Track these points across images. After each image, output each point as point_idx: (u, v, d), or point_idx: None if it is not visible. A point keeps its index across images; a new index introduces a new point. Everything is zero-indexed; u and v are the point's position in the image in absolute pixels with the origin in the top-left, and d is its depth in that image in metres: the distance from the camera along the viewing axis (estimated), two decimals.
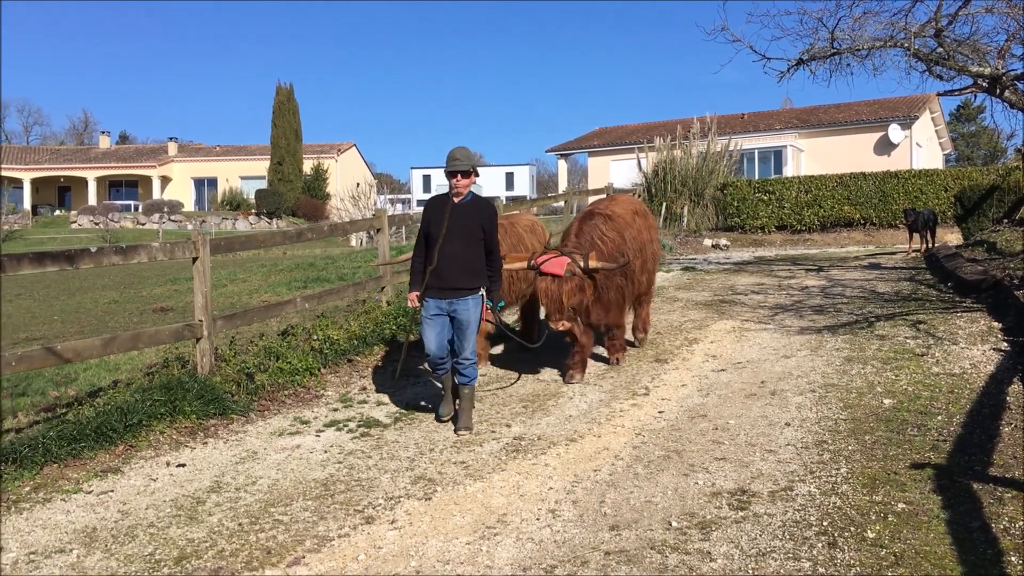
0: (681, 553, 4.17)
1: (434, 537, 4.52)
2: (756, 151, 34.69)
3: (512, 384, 7.77)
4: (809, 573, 3.90)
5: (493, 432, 6.42)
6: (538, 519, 4.70)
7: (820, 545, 4.18)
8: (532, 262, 7.34)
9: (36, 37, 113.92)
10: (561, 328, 7.26)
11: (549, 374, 8.12)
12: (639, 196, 24.92)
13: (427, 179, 56.52)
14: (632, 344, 9.18)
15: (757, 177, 31.02)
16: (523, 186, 55.89)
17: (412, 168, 58.02)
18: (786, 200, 25.19)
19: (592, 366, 8.37)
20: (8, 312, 14.28)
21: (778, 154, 34.92)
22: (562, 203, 23.96)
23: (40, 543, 4.59)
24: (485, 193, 51.22)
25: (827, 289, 13.37)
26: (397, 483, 5.39)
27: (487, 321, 6.90)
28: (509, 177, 56.39)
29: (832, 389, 7.13)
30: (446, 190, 6.40)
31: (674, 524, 4.52)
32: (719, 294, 13.31)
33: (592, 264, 7.38)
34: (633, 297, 8.67)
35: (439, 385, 6.69)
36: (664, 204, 25.19)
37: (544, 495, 5.06)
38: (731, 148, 27.78)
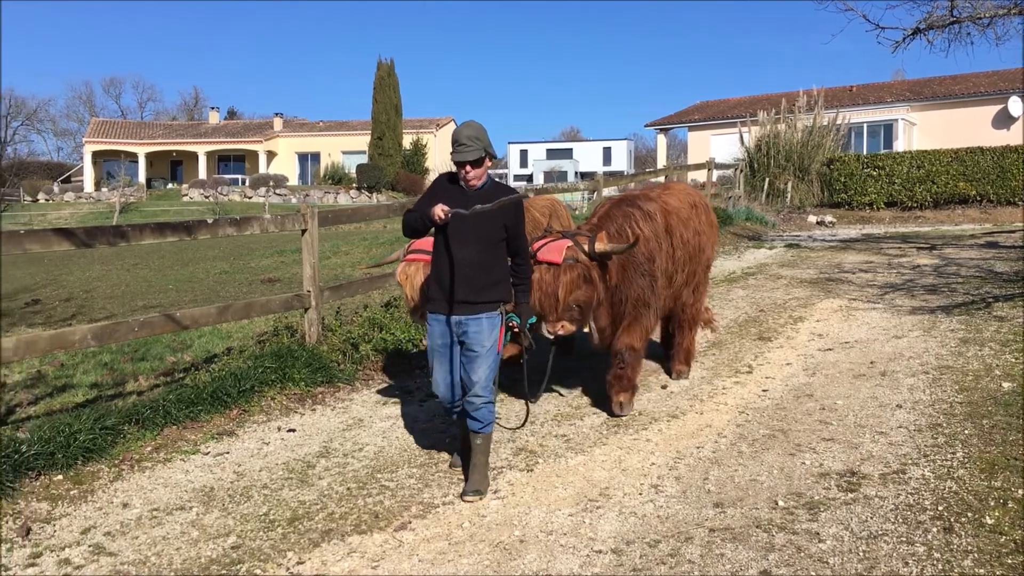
0: (788, 533, 4.11)
1: (536, 508, 4.56)
2: (865, 125, 33.46)
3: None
4: (924, 557, 3.79)
5: (593, 407, 6.42)
6: (640, 494, 4.69)
7: (935, 530, 4.06)
8: (529, 248, 5.51)
9: (150, 16, 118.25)
10: (560, 332, 5.61)
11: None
12: (741, 171, 24.44)
13: (524, 154, 56.63)
14: (672, 375, 7.23)
15: (866, 152, 29.95)
16: (620, 161, 55.46)
17: (509, 143, 58.22)
18: (896, 176, 24.31)
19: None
20: (126, 281, 14.97)
21: (888, 128, 33.61)
22: (662, 178, 23.63)
23: (162, 500, 4.82)
24: (583, 169, 51.26)
25: (940, 268, 12.88)
26: (499, 454, 5.45)
27: (517, 343, 5.36)
28: (606, 152, 56.03)
29: (947, 371, 6.88)
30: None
31: (780, 504, 4.45)
32: (825, 272, 12.98)
33: (599, 247, 5.68)
34: (663, 314, 6.85)
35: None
36: (767, 179, 24.62)
37: (646, 470, 5.05)
38: (838, 122, 26.90)
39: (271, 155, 53.48)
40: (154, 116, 75.87)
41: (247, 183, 48.94)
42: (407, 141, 49.44)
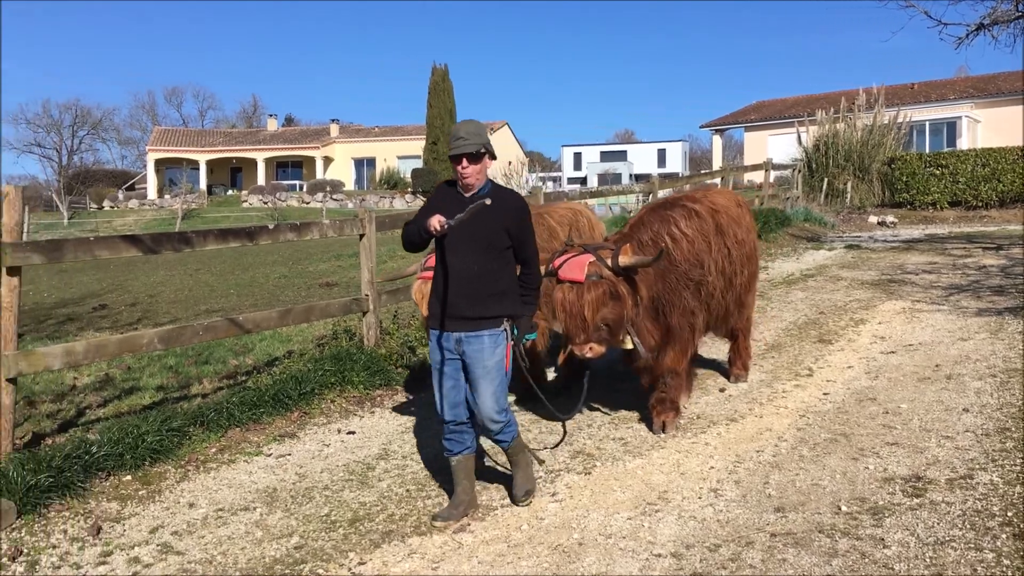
0: (852, 538, 4.04)
1: (595, 511, 4.56)
2: (927, 123, 32.80)
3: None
4: (992, 564, 3.71)
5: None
6: (700, 498, 4.66)
7: (1004, 536, 3.96)
8: (550, 265, 5.25)
9: (209, 27, 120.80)
10: (589, 354, 5.17)
11: (708, 351, 7.95)
12: (799, 171, 24.11)
13: (577, 156, 56.47)
14: (731, 379, 7.10)
15: (928, 150, 29.34)
16: (675, 163, 55.01)
17: (563, 146, 58.13)
18: (960, 174, 23.76)
19: (752, 345, 8.16)
20: (189, 285, 15.29)
21: (951, 126, 32.88)
22: (718, 180, 23.42)
23: (227, 501, 4.92)
24: (637, 171, 50.95)
25: (1008, 268, 12.56)
26: (556, 457, 5.45)
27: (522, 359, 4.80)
28: (661, 154, 55.61)
29: (1015, 374, 6.71)
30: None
31: (843, 509, 4.38)
32: (887, 273, 12.73)
33: (624, 261, 5.21)
34: (707, 331, 6.43)
35: (452, 459, 4.69)
36: (826, 179, 24.26)
37: (705, 474, 5.01)
38: (900, 120, 26.38)
39: (328, 161, 54.17)
40: (214, 124, 77.41)
41: (304, 188, 49.63)
42: None
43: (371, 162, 53.72)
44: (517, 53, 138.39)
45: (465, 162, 4.42)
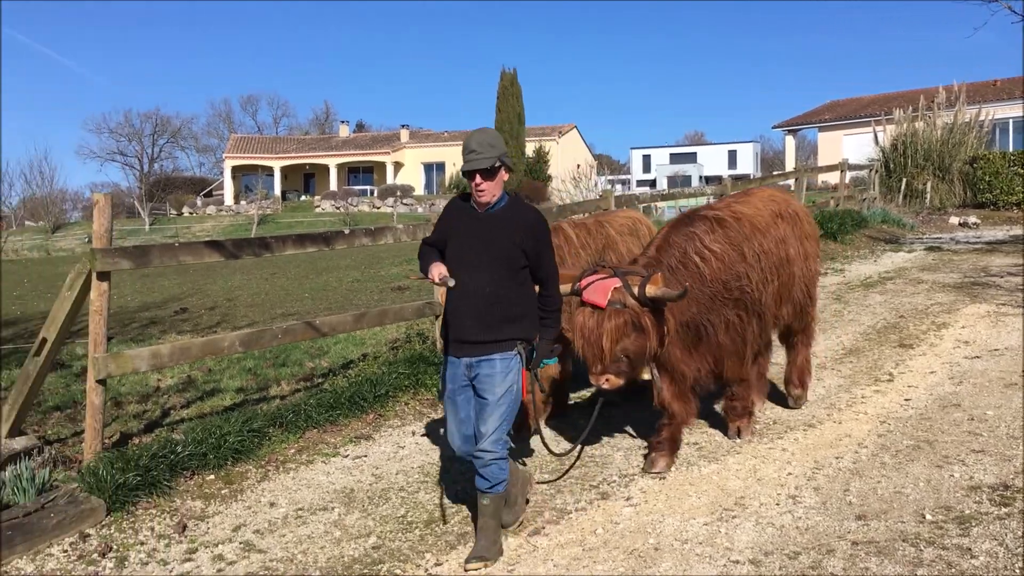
0: (937, 548, 3.94)
1: (670, 516, 4.53)
2: (1011, 120, 31.73)
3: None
4: None
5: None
6: (778, 504, 4.59)
7: None
8: (576, 284, 4.88)
9: (281, 34, 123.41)
10: (605, 385, 4.79)
11: (780, 355, 7.79)
12: (876, 172, 23.55)
13: (647, 159, 56.16)
14: (789, 400, 6.50)
15: (1012, 149, 28.38)
16: (746, 164, 54.33)
17: (631, 148, 57.89)
18: None
19: (829, 350, 8.03)
20: (266, 290, 15.61)
21: None
22: (791, 181, 23.02)
23: (306, 501, 5.02)
24: (707, 173, 50.41)
25: None
26: (630, 461, 5.43)
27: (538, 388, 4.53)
28: (732, 155, 55.00)
29: None
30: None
31: (928, 517, 4.27)
32: (969, 276, 12.37)
33: (651, 291, 4.77)
34: (763, 339, 5.98)
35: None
36: (904, 180, 23.66)
37: (783, 480, 4.94)
38: (982, 118, 25.57)
39: (398, 166, 54.79)
40: (288, 131, 78.85)
41: (375, 194, 50.27)
42: (530, 149, 49.74)
43: (440, 167, 54.15)
44: (586, 55, 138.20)
45: (479, 178, 4.11)
